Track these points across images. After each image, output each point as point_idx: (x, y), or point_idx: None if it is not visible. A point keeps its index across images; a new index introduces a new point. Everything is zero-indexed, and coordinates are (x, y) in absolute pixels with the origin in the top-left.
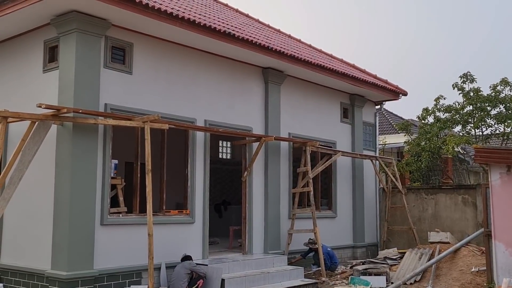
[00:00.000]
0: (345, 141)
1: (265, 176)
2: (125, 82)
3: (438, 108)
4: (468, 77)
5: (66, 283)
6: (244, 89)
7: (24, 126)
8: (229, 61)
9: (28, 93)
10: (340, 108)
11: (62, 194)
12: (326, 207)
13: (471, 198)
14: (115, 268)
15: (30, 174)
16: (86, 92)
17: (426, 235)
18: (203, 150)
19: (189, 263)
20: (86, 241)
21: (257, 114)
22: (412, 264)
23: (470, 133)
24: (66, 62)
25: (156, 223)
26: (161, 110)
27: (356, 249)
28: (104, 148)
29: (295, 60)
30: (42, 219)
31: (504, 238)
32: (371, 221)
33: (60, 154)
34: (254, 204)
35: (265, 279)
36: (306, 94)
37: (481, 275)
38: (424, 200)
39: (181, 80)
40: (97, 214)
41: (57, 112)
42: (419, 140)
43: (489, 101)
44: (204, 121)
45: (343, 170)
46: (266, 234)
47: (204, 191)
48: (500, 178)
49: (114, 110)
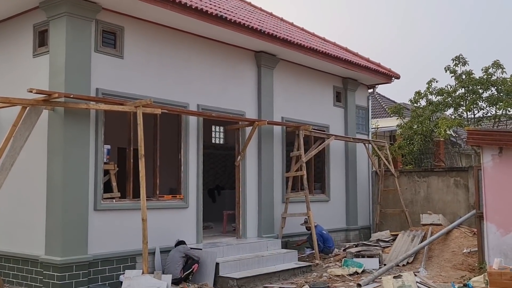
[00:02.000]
0: (338, 125)
1: (259, 160)
2: (116, 67)
3: (430, 91)
4: (460, 60)
5: (61, 268)
6: (236, 73)
7: (15, 111)
8: (221, 45)
9: (18, 78)
10: (333, 92)
11: (54, 179)
12: (320, 190)
13: (463, 180)
14: (109, 253)
15: (22, 160)
16: (77, 77)
17: (418, 218)
18: (196, 135)
19: (183, 247)
20: (79, 227)
21: (250, 99)
22: (404, 246)
23: (462, 116)
24: (56, 47)
25: (149, 208)
26: (153, 95)
27: (349, 232)
28: (96, 133)
29: (288, 43)
30: (35, 205)
31: (495, 219)
32: (364, 204)
33: (52, 140)
34: (247, 189)
35: (259, 263)
36: (299, 78)
37: (472, 256)
38: (417, 183)
39: (173, 64)
40: (90, 199)
41: (48, 97)
42: (411, 123)
43: (481, 83)
44: (196, 106)
45: (336, 154)
46: (259, 218)
47: (198, 176)
48: (492, 160)
49: (106, 95)
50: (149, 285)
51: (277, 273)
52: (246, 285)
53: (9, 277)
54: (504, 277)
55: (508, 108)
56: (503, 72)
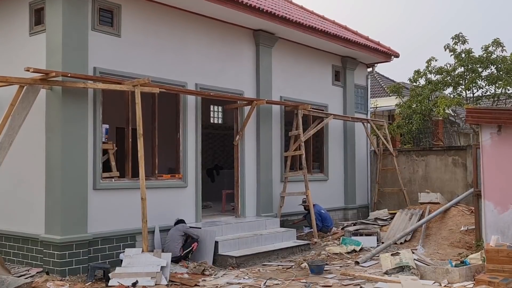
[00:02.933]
0: (336, 104)
1: (257, 140)
2: (113, 45)
3: (429, 70)
4: (460, 39)
5: (61, 247)
6: (235, 52)
7: (13, 90)
8: (219, 23)
9: (15, 57)
10: (332, 71)
11: (53, 159)
12: (318, 170)
13: (461, 159)
14: (109, 232)
15: (21, 139)
16: (75, 56)
17: (416, 196)
18: (194, 114)
19: (183, 225)
20: (79, 206)
21: (248, 78)
22: (402, 225)
23: (461, 94)
24: (52, 25)
25: (149, 187)
26: (151, 74)
27: (347, 211)
28: (94, 112)
29: (287, 21)
30: (34, 184)
31: (493, 197)
32: (362, 183)
33: (50, 119)
34: (246, 168)
35: (258, 241)
36: (297, 57)
37: (469, 233)
38: (415, 162)
39: (171, 43)
40: (89, 178)
41: (46, 76)
42: (410, 102)
43: (481, 62)
44: (195, 85)
45: (334, 133)
46: (258, 197)
47: (196, 155)
48: (490, 138)
49: (104, 74)
50: (149, 263)
51: (276, 251)
52: (245, 263)
53: (10, 255)
54: (501, 254)
55: (508, 87)
56: (503, 50)
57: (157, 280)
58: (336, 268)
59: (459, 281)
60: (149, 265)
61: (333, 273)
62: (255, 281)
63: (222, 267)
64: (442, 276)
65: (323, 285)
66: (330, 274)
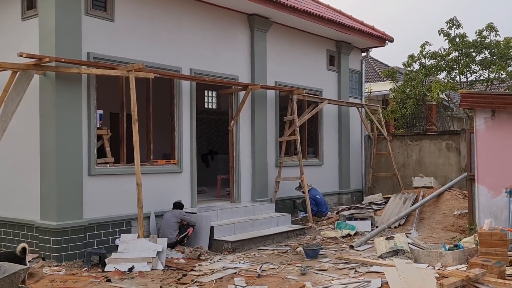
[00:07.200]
0: (331, 89)
1: (252, 125)
2: (107, 30)
3: (423, 55)
4: (454, 23)
5: (56, 232)
6: (229, 37)
7: (6, 76)
8: (213, 7)
9: (8, 42)
10: (327, 56)
11: (47, 144)
12: (313, 155)
13: (455, 143)
14: (104, 218)
15: (15, 125)
16: (68, 41)
17: (410, 181)
18: (189, 99)
19: (179, 212)
20: (74, 191)
21: (243, 63)
22: (396, 209)
23: (455, 79)
24: (45, 10)
25: (144, 173)
26: (146, 59)
27: (342, 196)
28: (88, 98)
29: (281, 5)
30: (28, 170)
31: (486, 181)
32: (356, 168)
33: (44, 105)
34: (241, 153)
35: (253, 226)
36: (292, 42)
37: (463, 217)
38: (409, 147)
39: (165, 27)
40: (84, 164)
41: (39, 61)
42: (404, 87)
43: (475, 46)
44: (189, 70)
45: (329, 118)
46: (253, 182)
47: (191, 141)
48: (484, 123)
49: (97, 59)
50: (145, 249)
51: (271, 236)
52: (241, 248)
53: (5, 241)
54: (494, 237)
55: (501, 72)
56: (497, 35)
57: (153, 265)
58: (331, 252)
59: (452, 264)
60: (145, 251)
61: (328, 257)
62: (251, 265)
63: (218, 251)
64: (436, 260)
65: (318, 269)
66: (325, 258)
